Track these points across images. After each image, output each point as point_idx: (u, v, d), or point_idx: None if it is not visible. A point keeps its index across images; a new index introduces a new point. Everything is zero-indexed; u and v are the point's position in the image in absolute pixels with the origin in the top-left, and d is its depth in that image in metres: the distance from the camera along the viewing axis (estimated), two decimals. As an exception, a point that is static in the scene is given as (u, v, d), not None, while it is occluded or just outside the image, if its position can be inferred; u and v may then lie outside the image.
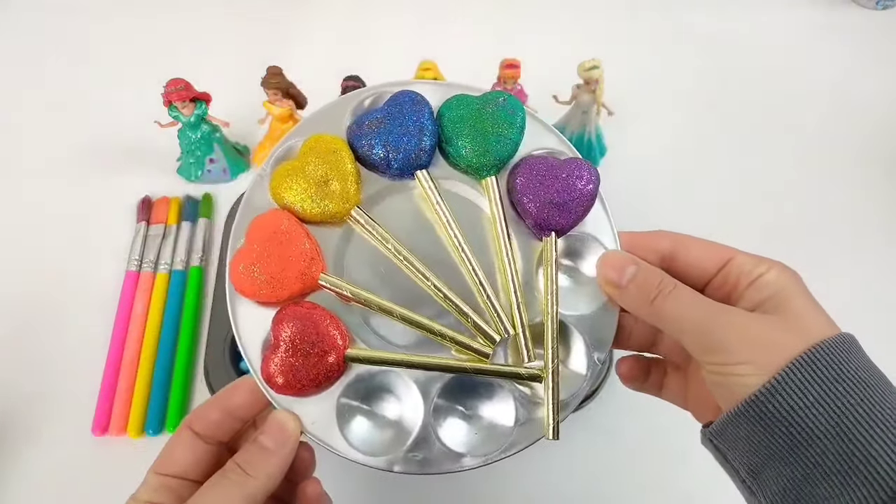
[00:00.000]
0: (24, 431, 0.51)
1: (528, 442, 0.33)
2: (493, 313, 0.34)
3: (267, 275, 0.32)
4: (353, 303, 0.34)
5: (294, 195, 0.33)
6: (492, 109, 0.35)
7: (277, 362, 0.31)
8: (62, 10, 0.79)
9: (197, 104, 0.58)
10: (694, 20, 0.78)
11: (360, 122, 0.35)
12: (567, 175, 0.35)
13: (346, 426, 0.32)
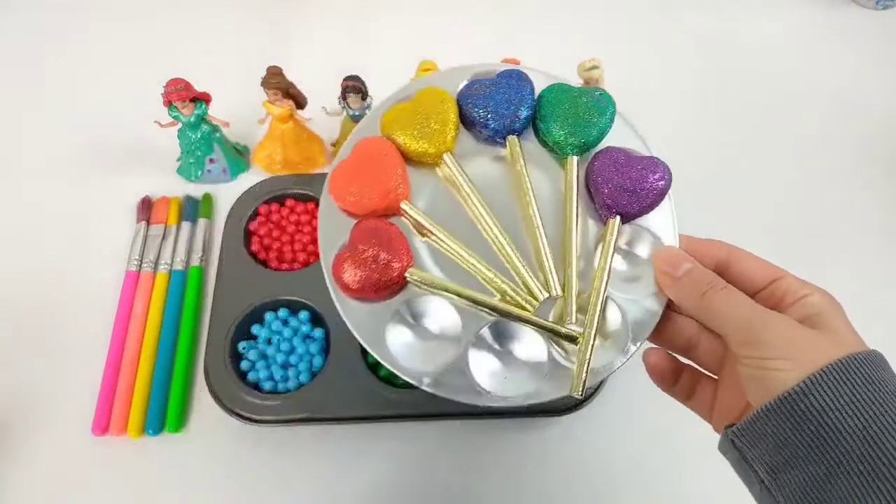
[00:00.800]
0: (24, 431, 0.52)
1: (552, 396, 0.35)
2: (548, 274, 0.36)
3: (357, 186, 0.37)
4: (425, 235, 0.37)
5: (400, 129, 0.38)
6: (587, 100, 0.39)
7: (348, 262, 0.35)
8: (62, 10, 0.78)
9: (197, 104, 0.58)
10: (694, 20, 0.78)
11: (470, 85, 0.40)
12: (643, 167, 0.38)
13: (392, 337, 0.35)
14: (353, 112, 0.58)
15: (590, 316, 0.35)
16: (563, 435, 0.52)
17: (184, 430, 0.52)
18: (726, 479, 0.51)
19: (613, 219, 0.37)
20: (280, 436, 0.52)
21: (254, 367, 0.53)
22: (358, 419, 0.51)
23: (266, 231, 0.59)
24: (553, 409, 0.51)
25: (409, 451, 0.52)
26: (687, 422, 0.53)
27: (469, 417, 0.51)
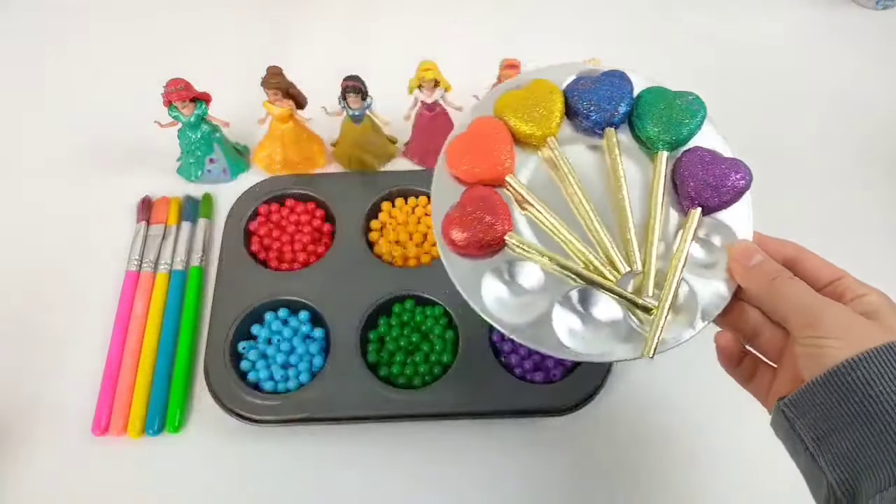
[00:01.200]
0: (24, 431, 0.52)
1: (624, 357, 0.40)
2: (631, 251, 0.41)
3: (471, 157, 0.42)
4: (524, 208, 0.42)
5: (511, 112, 0.43)
6: (681, 102, 0.43)
7: (456, 220, 0.40)
8: (62, 10, 0.79)
9: (197, 104, 0.58)
10: (693, 20, 0.78)
11: (577, 80, 0.45)
12: (726, 167, 0.42)
13: (486, 290, 0.40)
14: (353, 112, 0.59)
15: (665, 291, 0.40)
16: (563, 435, 0.52)
17: (184, 430, 0.52)
18: (726, 479, 0.51)
19: (695, 210, 0.41)
20: (280, 436, 0.52)
21: (254, 367, 0.53)
22: (358, 419, 0.51)
23: (266, 231, 0.59)
24: (553, 409, 0.51)
25: (408, 451, 0.52)
26: (686, 422, 0.53)
27: (469, 417, 0.51)
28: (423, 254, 0.58)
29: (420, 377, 0.52)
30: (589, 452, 0.52)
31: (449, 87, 0.58)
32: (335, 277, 0.56)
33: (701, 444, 0.52)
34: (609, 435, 0.52)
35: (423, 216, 0.60)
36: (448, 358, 0.53)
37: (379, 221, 0.60)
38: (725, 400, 0.54)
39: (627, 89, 0.44)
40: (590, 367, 0.52)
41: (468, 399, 0.50)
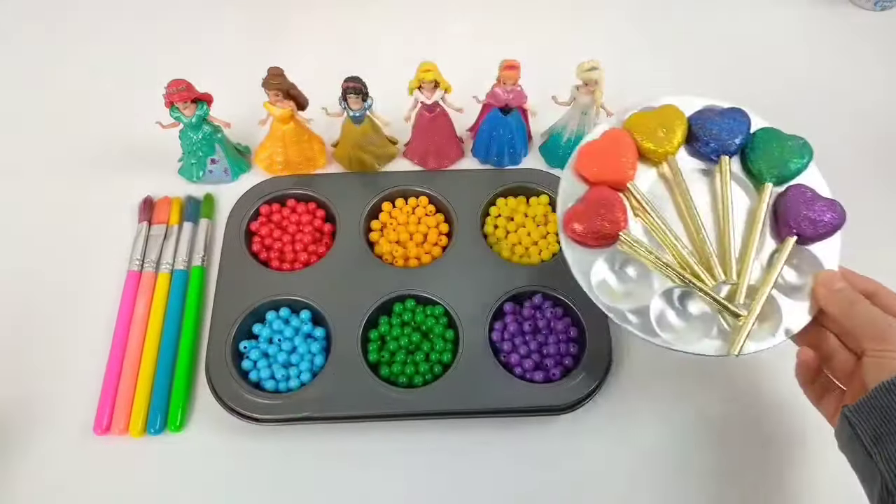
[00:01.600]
0: (26, 431, 0.52)
1: (710, 352, 0.46)
2: (729, 263, 0.47)
3: (600, 161, 0.49)
4: (639, 214, 0.49)
5: (638, 129, 0.51)
6: (791, 144, 0.50)
7: (579, 211, 0.47)
8: (63, 11, 0.79)
9: (198, 105, 0.58)
10: (692, 21, 0.79)
11: (703, 111, 0.52)
12: (824, 205, 0.48)
13: (595, 276, 0.47)
14: (354, 113, 0.59)
15: (756, 302, 0.46)
16: (563, 434, 0.52)
17: (185, 429, 0.52)
18: (726, 478, 0.51)
19: (791, 237, 0.47)
20: (281, 435, 0.52)
21: (255, 367, 0.53)
22: (358, 418, 0.51)
23: (267, 231, 0.59)
24: (553, 409, 0.51)
25: (409, 450, 0.52)
26: (685, 422, 0.53)
27: (469, 416, 0.51)
28: (423, 254, 0.59)
29: (420, 376, 0.52)
30: (588, 451, 0.52)
31: (449, 88, 0.58)
32: (336, 277, 0.56)
33: (700, 443, 0.53)
34: (609, 434, 0.53)
35: (424, 216, 0.61)
36: (448, 357, 0.53)
37: (379, 221, 0.61)
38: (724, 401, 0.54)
39: (746, 125, 0.51)
40: (589, 366, 0.52)
41: (468, 398, 0.51)
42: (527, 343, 0.53)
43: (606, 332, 0.53)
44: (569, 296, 0.55)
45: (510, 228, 0.60)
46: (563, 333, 0.54)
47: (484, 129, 0.63)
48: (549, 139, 0.66)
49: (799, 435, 0.52)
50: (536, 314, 0.55)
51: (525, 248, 0.59)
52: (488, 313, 0.54)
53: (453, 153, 0.65)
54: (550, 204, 0.61)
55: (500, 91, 0.59)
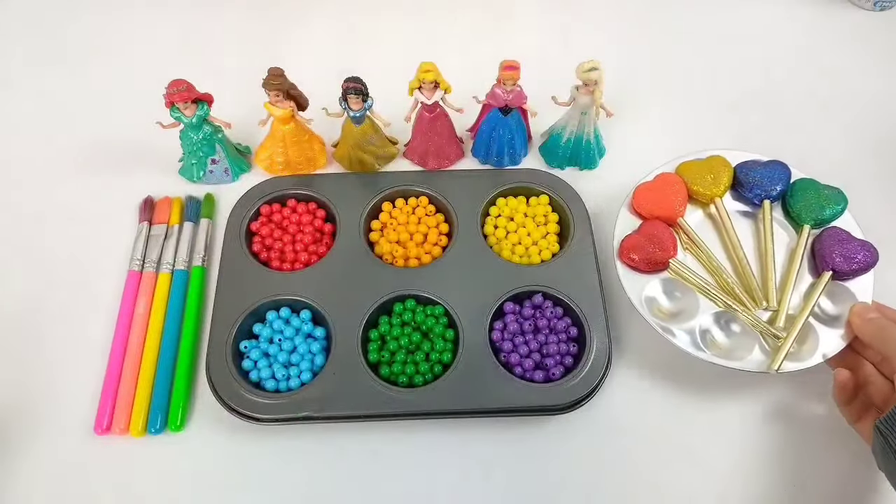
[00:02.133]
0: (26, 430, 0.52)
1: (750, 368, 0.50)
2: (770, 292, 0.54)
3: (655, 199, 0.57)
4: (686, 247, 0.56)
5: (689, 174, 0.59)
6: (828, 193, 0.57)
7: (634, 241, 0.55)
8: (63, 10, 0.79)
9: (199, 105, 0.59)
10: (693, 20, 0.79)
11: (747, 162, 0.60)
12: (858, 245, 0.54)
13: (646, 296, 0.53)
14: (354, 113, 0.59)
15: (794, 325, 0.51)
16: (563, 434, 0.52)
17: (186, 429, 0.52)
18: (725, 478, 0.51)
19: (828, 272, 0.54)
20: (282, 434, 0.52)
21: (256, 367, 0.53)
22: (359, 418, 0.51)
23: (268, 231, 0.59)
24: (553, 408, 0.51)
25: (409, 450, 0.52)
26: (685, 422, 0.54)
27: (469, 416, 0.51)
28: (423, 254, 0.59)
29: (421, 376, 0.52)
30: (588, 450, 0.52)
31: (449, 89, 0.58)
32: (336, 277, 0.56)
33: (700, 442, 0.53)
34: (608, 433, 0.53)
35: (424, 216, 0.61)
36: (448, 357, 0.53)
37: (380, 222, 0.61)
38: (724, 400, 0.54)
39: (786, 174, 0.58)
40: (589, 366, 0.52)
41: (469, 398, 0.51)
42: (527, 343, 0.54)
43: (606, 332, 0.53)
44: (569, 296, 0.55)
45: (510, 228, 0.60)
46: (564, 333, 0.54)
47: (484, 129, 0.63)
48: (548, 139, 0.66)
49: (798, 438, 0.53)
50: (537, 314, 0.55)
51: (525, 248, 0.59)
52: (488, 313, 0.54)
53: (453, 153, 0.65)
54: (550, 204, 0.61)
55: (500, 91, 0.59)
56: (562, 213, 0.61)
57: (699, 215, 0.59)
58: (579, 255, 0.57)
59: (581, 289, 0.55)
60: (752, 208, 0.59)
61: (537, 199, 0.61)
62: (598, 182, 0.65)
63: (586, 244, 0.58)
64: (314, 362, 0.53)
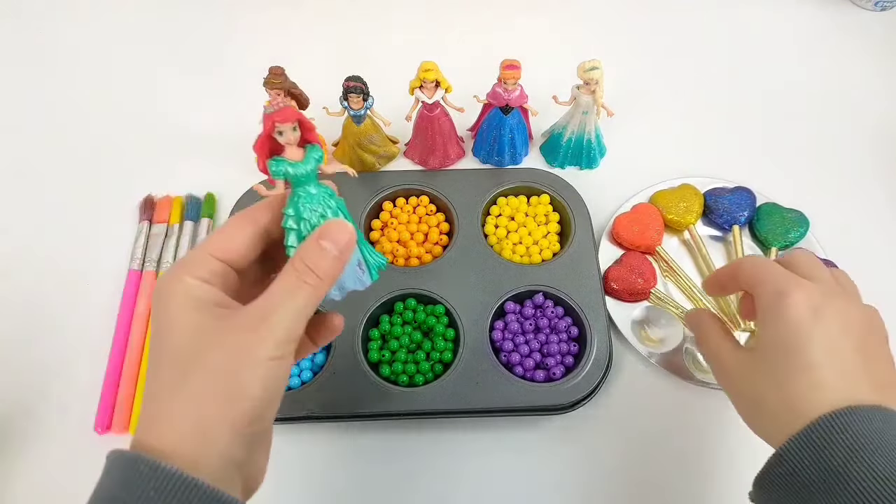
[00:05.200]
0: (26, 430, 0.52)
1: None
2: None
3: (632, 229, 0.60)
4: (668, 274, 0.59)
5: (663, 203, 0.61)
6: (791, 216, 0.60)
7: (616, 272, 0.57)
8: (62, 10, 0.79)
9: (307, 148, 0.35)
10: (693, 20, 0.79)
11: (716, 189, 0.62)
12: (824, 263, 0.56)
13: (632, 323, 0.56)
14: (354, 112, 0.59)
15: None
16: (563, 434, 0.52)
17: (186, 428, 0.52)
18: (725, 478, 0.51)
19: None
20: (281, 434, 0.52)
21: (256, 366, 0.53)
22: (359, 417, 0.51)
23: (268, 230, 0.59)
24: (554, 408, 0.51)
25: (409, 449, 0.52)
26: (686, 422, 0.53)
27: (470, 415, 0.51)
28: (424, 253, 0.59)
29: (421, 375, 0.52)
30: (589, 450, 0.52)
31: (450, 88, 0.58)
32: (337, 276, 0.56)
33: (700, 441, 0.53)
34: (609, 432, 0.53)
35: (425, 216, 0.61)
36: (449, 356, 0.53)
37: (380, 221, 0.61)
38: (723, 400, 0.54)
39: (752, 200, 0.61)
40: (590, 365, 0.52)
41: (470, 397, 0.51)
42: (528, 342, 0.53)
43: (607, 332, 0.53)
44: (570, 295, 0.55)
45: (511, 228, 0.60)
46: (564, 333, 0.54)
47: (484, 128, 0.63)
48: (549, 139, 0.66)
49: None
50: (537, 313, 0.55)
51: (526, 247, 0.59)
52: (489, 312, 0.54)
53: (454, 153, 0.65)
54: (551, 203, 0.61)
55: (501, 91, 0.59)
56: (563, 213, 0.61)
57: (675, 242, 0.61)
58: (580, 254, 0.57)
59: (582, 288, 0.55)
60: (722, 233, 0.61)
61: (538, 199, 0.61)
62: (599, 181, 0.65)
63: (587, 244, 0.58)
64: (314, 361, 0.53)
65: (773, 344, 0.37)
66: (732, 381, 0.40)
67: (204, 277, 0.31)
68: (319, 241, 0.32)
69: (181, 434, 0.28)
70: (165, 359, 0.30)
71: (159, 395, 0.30)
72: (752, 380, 0.38)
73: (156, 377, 0.31)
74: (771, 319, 0.37)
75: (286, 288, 0.31)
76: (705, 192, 0.62)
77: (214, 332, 0.30)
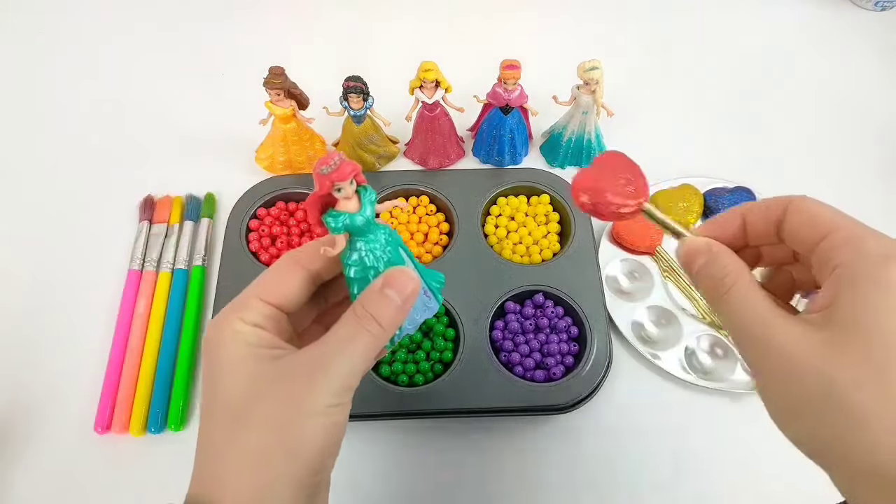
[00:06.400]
0: (26, 430, 0.52)
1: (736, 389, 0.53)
2: None
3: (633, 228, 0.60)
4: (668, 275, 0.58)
5: (665, 203, 0.61)
6: None
7: (592, 175, 0.35)
8: (61, 8, 0.79)
9: (361, 191, 0.33)
10: (693, 21, 0.79)
11: (716, 189, 0.62)
12: None
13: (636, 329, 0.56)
14: (355, 112, 0.59)
15: None
16: (563, 433, 0.52)
17: (186, 428, 0.52)
18: (725, 478, 0.51)
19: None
20: (282, 434, 0.52)
21: (256, 366, 0.53)
22: (359, 417, 0.51)
23: (268, 230, 0.59)
24: (554, 407, 0.51)
25: (409, 448, 0.52)
26: (685, 422, 0.53)
27: (471, 415, 0.51)
28: (424, 253, 0.59)
29: (421, 375, 0.52)
30: (589, 450, 0.52)
31: (450, 88, 0.58)
32: (337, 276, 0.56)
33: (700, 442, 0.53)
34: (609, 432, 0.53)
35: (425, 215, 0.61)
36: (449, 356, 0.53)
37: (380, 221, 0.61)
38: (723, 400, 0.54)
39: (752, 200, 0.59)
40: (590, 365, 0.52)
41: (469, 397, 0.51)
42: (528, 342, 0.53)
43: (607, 332, 0.53)
44: (570, 295, 0.55)
45: (511, 228, 0.60)
46: (564, 332, 0.54)
47: (484, 128, 0.63)
48: (549, 139, 0.66)
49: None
50: (537, 313, 0.55)
51: (526, 247, 0.59)
52: (489, 312, 0.54)
53: (454, 153, 0.65)
54: (552, 203, 0.61)
55: (501, 90, 0.59)
56: (563, 213, 0.61)
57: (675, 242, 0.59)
58: (580, 254, 0.57)
59: (582, 288, 0.55)
60: None
61: (538, 199, 0.61)
62: (599, 181, 0.65)
63: (587, 244, 0.58)
64: (315, 361, 0.53)
65: (870, 318, 0.24)
66: (786, 366, 0.25)
67: (256, 322, 0.30)
68: (384, 289, 0.31)
69: (240, 494, 0.27)
70: (219, 408, 0.29)
71: (214, 448, 0.29)
72: (827, 371, 0.24)
73: (210, 428, 0.29)
74: (871, 292, 0.24)
75: (346, 336, 0.30)
76: (705, 192, 0.62)
77: (269, 379, 0.29)
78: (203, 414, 0.30)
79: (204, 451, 0.29)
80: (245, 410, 0.28)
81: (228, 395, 0.29)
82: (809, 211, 0.29)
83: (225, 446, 0.28)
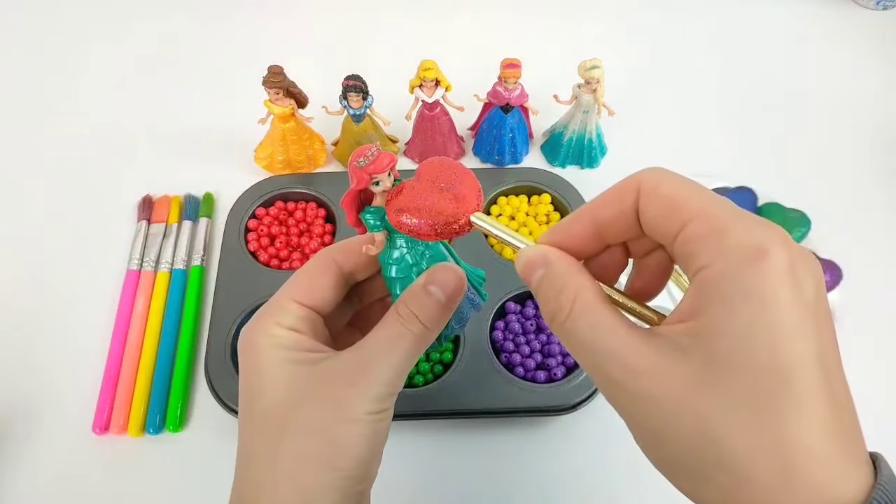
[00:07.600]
0: (24, 430, 0.52)
1: None
2: None
3: None
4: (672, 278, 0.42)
5: None
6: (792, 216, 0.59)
7: (410, 189, 0.29)
8: (61, 10, 0.79)
9: None
10: (693, 21, 0.79)
11: (717, 189, 0.59)
12: (824, 264, 0.56)
13: None
14: (354, 111, 0.59)
15: None
16: (564, 435, 0.52)
17: (184, 429, 0.52)
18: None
19: None
20: (281, 435, 0.52)
21: (255, 367, 0.52)
22: (359, 418, 0.51)
23: (267, 230, 0.59)
24: (555, 408, 0.51)
25: (409, 450, 0.51)
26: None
27: (471, 416, 0.51)
28: (424, 253, 0.58)
29: (421, 376, 0.52)
30: (591, 451, 0.52)
31: (450, 87, 0.58)
32: (336, 276, 0.56)
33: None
34: (611, 433, 0.52)
35: (425, 215, 0.60)
36: (449, 357, 0.53)
37: (380, 221, 0.60)
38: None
39: (753, 200, 0.60)
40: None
41: (470, 398, 0.50)
42: (529, 343, 0.53)
43: (608, 332, 0.53)
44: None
45: (512, 227, 0.60)
46: (565, 333, 0.54)
47: (485, 127, 0.62)
48: (550, 138, 0.66)
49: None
50: (538, 314, 0.55)
51: (526, 247, 0.58)
52: (490, 313, 0.54)
53: (454, 152, 0.65)
54: (552, 203, 0.61)
55: (501, 90, 0.59)
56: (563, 213, 0.60)
57: None
58: (581, 254, 0.57)
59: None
60: None
61: (539, 199, 0.61)
62: (600, 181, 0.64)
63: (588, 243, 0.58)
64: (314, 362, 0.53)
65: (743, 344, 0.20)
66: (646, 400, 0.22)
67: (292, 325, 0.29)
68: (427, 286, 0.29)
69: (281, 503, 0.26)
70: (258, 415, 0.28)
71: (255, 456, 0.28)
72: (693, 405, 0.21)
73: (250, 436, 0.28)
74: (741, 307, 0.20)
75: (388, 337, 0.28)
76: None
77: (309, 384, 0.28)
78: (242, 421, 0.29)
79: (244, 460, 0.29)
80: (285, 417, 0.28)
81: (268, 402, 0.28)
82: (662, 194, 0.22)
83: (266, 454, 0.28)
